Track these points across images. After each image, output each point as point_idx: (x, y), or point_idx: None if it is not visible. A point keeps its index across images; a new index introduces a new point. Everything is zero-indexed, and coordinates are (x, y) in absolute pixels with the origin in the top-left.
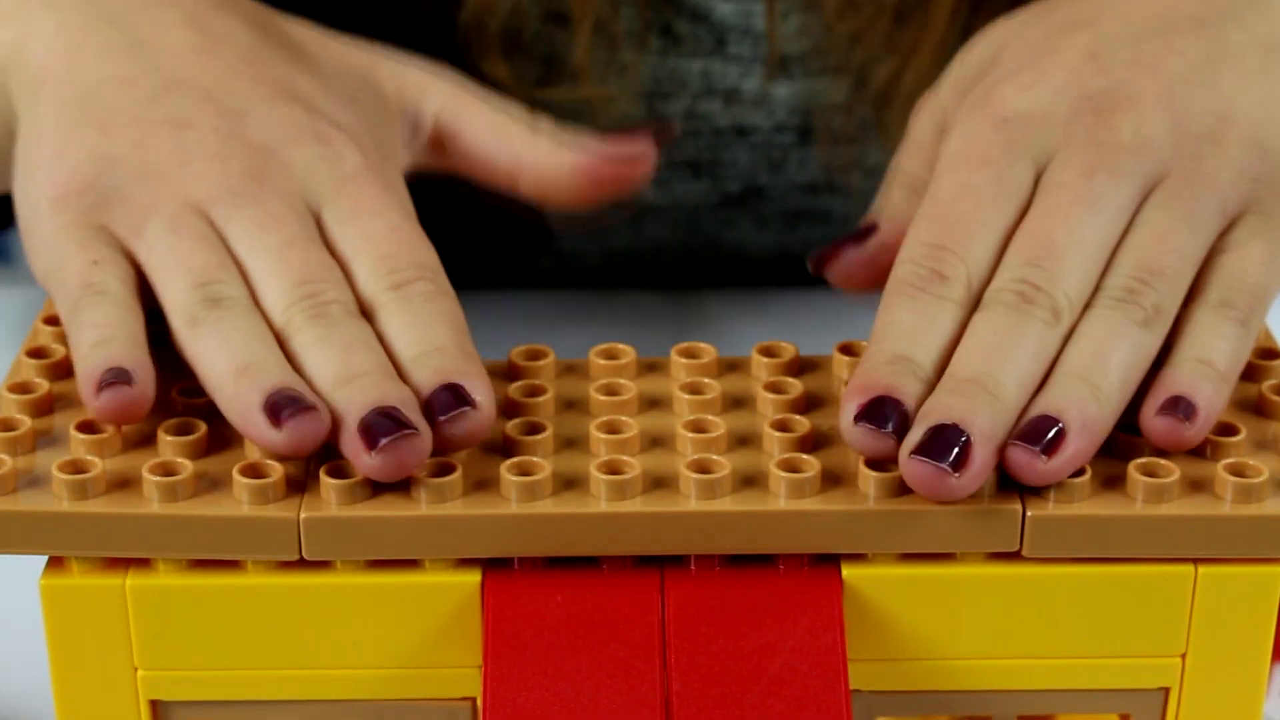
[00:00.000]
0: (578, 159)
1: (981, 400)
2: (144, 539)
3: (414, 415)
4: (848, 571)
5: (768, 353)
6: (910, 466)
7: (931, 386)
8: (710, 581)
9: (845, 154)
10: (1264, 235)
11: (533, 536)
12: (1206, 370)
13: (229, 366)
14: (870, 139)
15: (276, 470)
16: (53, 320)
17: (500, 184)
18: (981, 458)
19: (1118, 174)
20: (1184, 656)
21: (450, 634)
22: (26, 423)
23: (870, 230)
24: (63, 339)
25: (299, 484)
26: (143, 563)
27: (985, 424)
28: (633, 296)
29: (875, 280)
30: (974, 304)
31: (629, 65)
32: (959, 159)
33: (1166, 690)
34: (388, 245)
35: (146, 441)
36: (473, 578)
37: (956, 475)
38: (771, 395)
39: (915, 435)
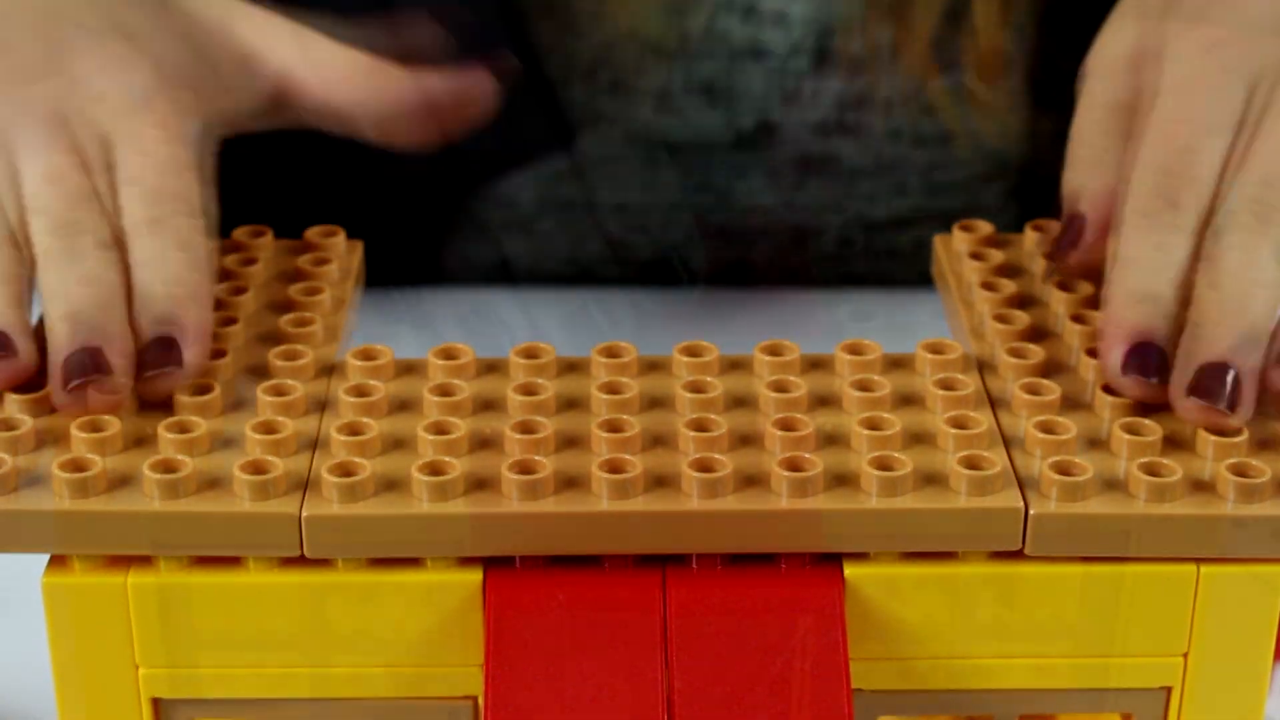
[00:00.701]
0: (411, 93)
1: (1240, 334)
2: (145, 536)
3: (117, 360)
4: (850, 570)
5: (770, 351)
6: (1188, 409)
7: (1176, 317)
8: (712, 580)
9: (860, 86)
10: None
11: (534, 535)
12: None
13: None
14: (885, 70)
15: (278, 467)
16: None
17: (344, 128)
18: (1250, 391)
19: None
20: (1186, 656)
21: (452, 632)
22: (27, 422)
23: (1078, 223)
24: None
25: (301, 481)
26: (144, 561)
27: (1249, 359)
28: (635, 294)
29: (1101, 257)
30: (1205, 226)
31: None
32: (1175, 86)
33: (1169, 689)
34: (155, 178)
35: (147, 439)
36: (474, 576)
37: (1233, 414)
38: (774, 394)
39: (1185, 376)
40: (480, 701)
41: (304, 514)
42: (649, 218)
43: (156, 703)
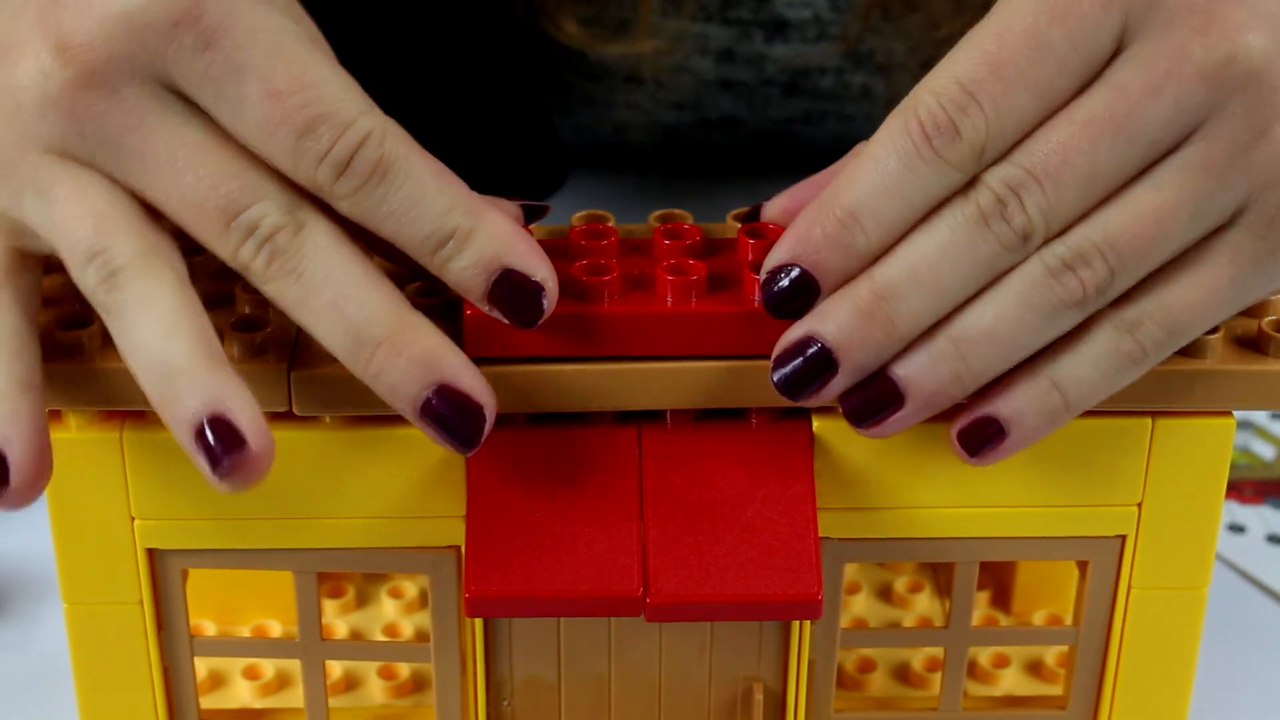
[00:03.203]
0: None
1: (884, 337)
2: (139, 392)
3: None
4: (818, 424)
5: (739, 216)
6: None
7: (873, 258)
8: (685, 435)
9: (826, 106)
10: (1240, 257)
11: (514, 392)
12: (1053, 400)
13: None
14: (852, 97)
15: (268, 325)
16: None
17: None
18: (841, 386)
19: (1183, 99)
20: (1140, 505)
21: (435, 485)
22: None
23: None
24: None
25: (289, 340)
26: (138, 416)
27: (867, 360)
28: (616, 178)
29: None
30: (975, 175)
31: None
32: None
33: (1123, 538)
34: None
35: None
36: None
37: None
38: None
39: (838, 385)
40: (462, 551)
41: (292, 374)
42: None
43: (152, 553)
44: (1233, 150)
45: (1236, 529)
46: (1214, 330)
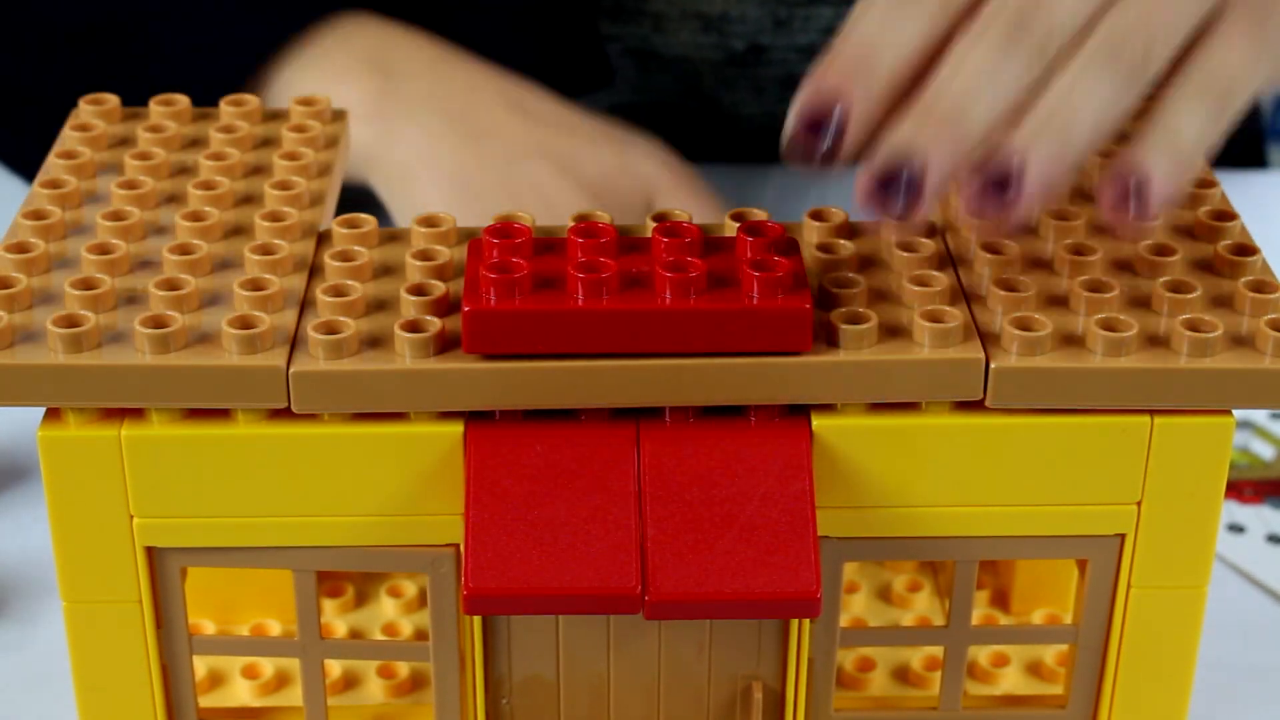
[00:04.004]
0: None
1: (944, 134)
2: (137, 389)
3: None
4: (817, 422)
5: (737, 217)
6: (864, 198)
7: (897, 85)
8: (684, 432)
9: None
10: (1251, 29)
11: (513, 389)
12: (1170, 146)
13: None
14: None
15: (265, 322)
16: (31, 215)
17: None
18: (932, 192)
19: None
20: (1139, 504)
21: (434, 483)
22: (23, 281)
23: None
24: (58, 201)
25: (288, 337)
26: (137, 414)
27: (943, 159)
28: None
29: None
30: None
31: None
32: None
33: (1122, 536)
34: None
35: (138, 296)
36: (455, 429)
37: (908, 214)
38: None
39: (874, 165)
40: (461, 549)
41: (291, 370)
42: (639, 115)
43: (150, 551)
44: None
45: (1236, 529)
46: (1213, 329)
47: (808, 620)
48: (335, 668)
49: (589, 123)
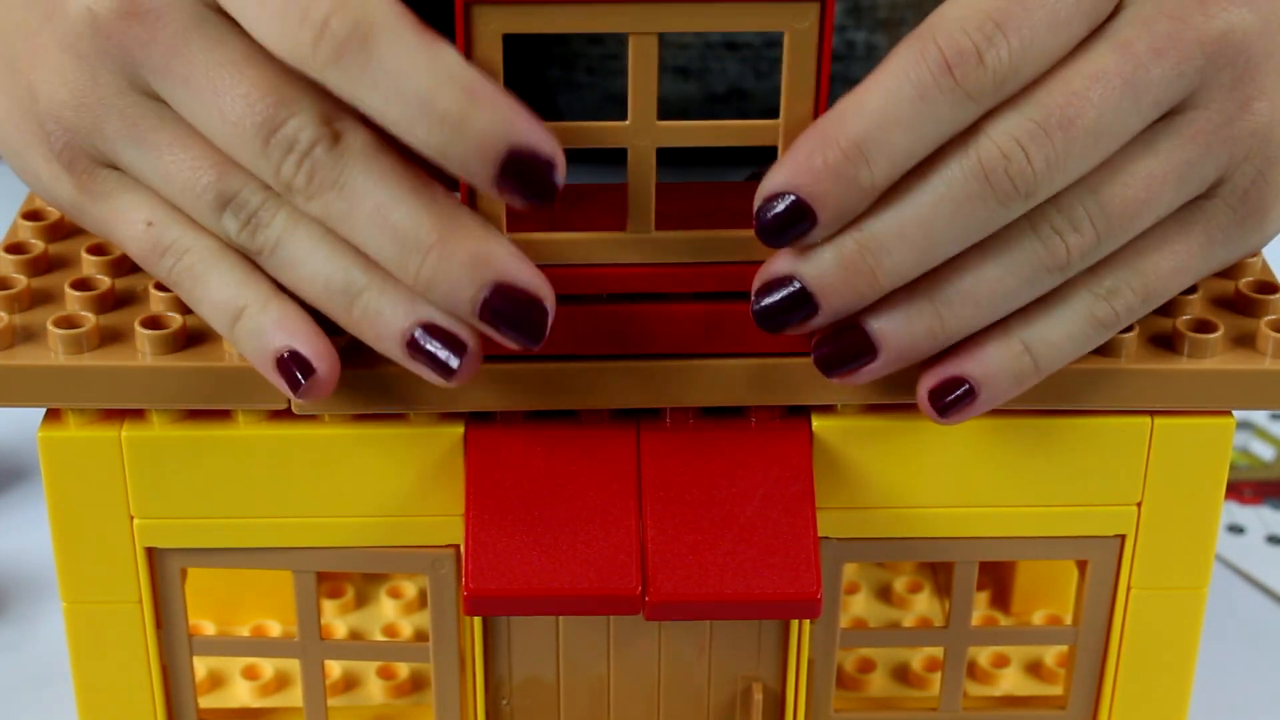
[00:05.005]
0: None
1: (865, 288)
2: (137, 390)
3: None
4: (817, 423)
5: None
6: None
7: (876, 194)
8: (684, 433)
9: (832, 69)
10: (1212, 228)
11: (513, 390)
12: (1024, 363)
13: None
14: (857, 57)
15: None
16: (31, 215)
17: None
18: (817, 325)
19: (1183, 64)
20: (1139, 505)
21: (434, 483)
22: (23, 281)
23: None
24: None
25: None
26: (137, 415)
27: (845, 307)
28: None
29: None
30: (990, 109)
31: None
32: None
33: (1122, 537)
34: None
35: (138, 297)
36: (455, 430)
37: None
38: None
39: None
40: (461, 549)
41: None
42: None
43: (151, 552)
44: (1220, 121)
45: (1236, 529)
46: (1214, 330)
47: (808, 621)
48: (335, 668)
49: None
